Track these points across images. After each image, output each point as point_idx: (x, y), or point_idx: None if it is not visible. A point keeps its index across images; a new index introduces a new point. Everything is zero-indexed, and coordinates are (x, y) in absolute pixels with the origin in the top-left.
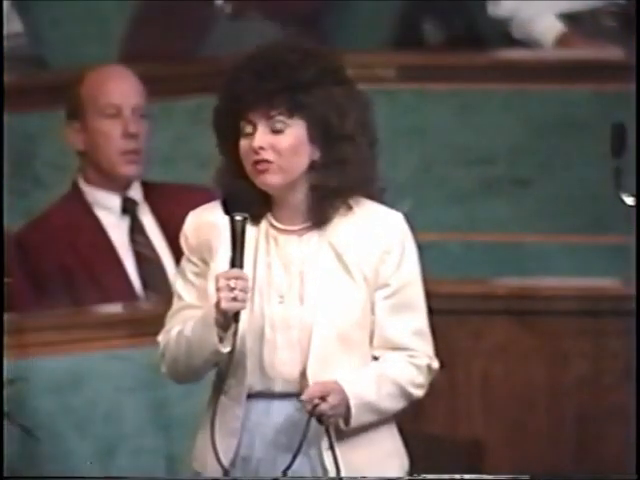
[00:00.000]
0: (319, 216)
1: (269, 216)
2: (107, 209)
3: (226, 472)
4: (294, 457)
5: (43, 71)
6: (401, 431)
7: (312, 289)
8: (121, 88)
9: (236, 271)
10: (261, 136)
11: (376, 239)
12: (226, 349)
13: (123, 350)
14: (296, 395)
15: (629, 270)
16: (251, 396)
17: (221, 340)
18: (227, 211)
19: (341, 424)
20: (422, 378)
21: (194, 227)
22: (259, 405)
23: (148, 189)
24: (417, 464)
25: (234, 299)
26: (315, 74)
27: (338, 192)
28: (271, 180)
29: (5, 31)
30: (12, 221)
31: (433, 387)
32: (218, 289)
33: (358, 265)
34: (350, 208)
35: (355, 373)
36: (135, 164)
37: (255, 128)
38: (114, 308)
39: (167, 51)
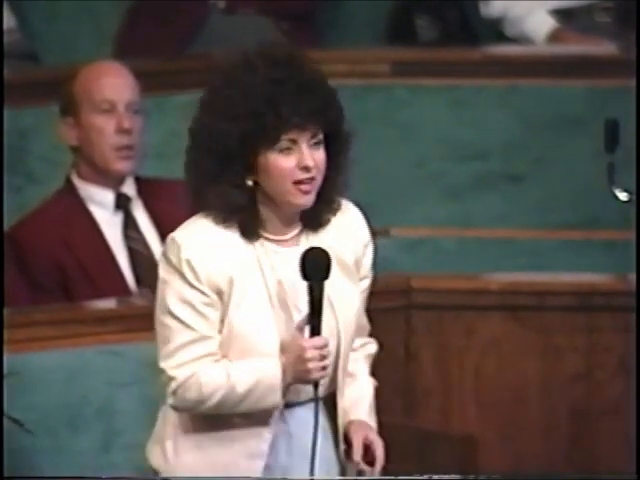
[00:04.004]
0: (316, 223)
1: (260, 229)
2: (100, 205)
3: None
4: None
5: (37, 67)
6: (394, 426)
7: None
8: (115, 84)
9: (322, 339)
10: (308, 153)
11: (356, 233)
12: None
13: (116, 345)
14: (311, 400)
15: (622, 265)
16: None
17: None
18: (305, 276)
19: None
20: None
21: (200, 254)
22: (281, 413)
23: (142, 185)
24: (410, 459)
25: (324, 368)
26: (334, 91)
27: (334, 201)
28: (308, 201)
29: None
30: (5, 217)
31: (426, 382)
32: (308, 359)
33: (351, 263)
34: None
35: (369, 411)
36: (129, 160)
37: (296, 145)
38: (107, 304)
39: (161, 47)
